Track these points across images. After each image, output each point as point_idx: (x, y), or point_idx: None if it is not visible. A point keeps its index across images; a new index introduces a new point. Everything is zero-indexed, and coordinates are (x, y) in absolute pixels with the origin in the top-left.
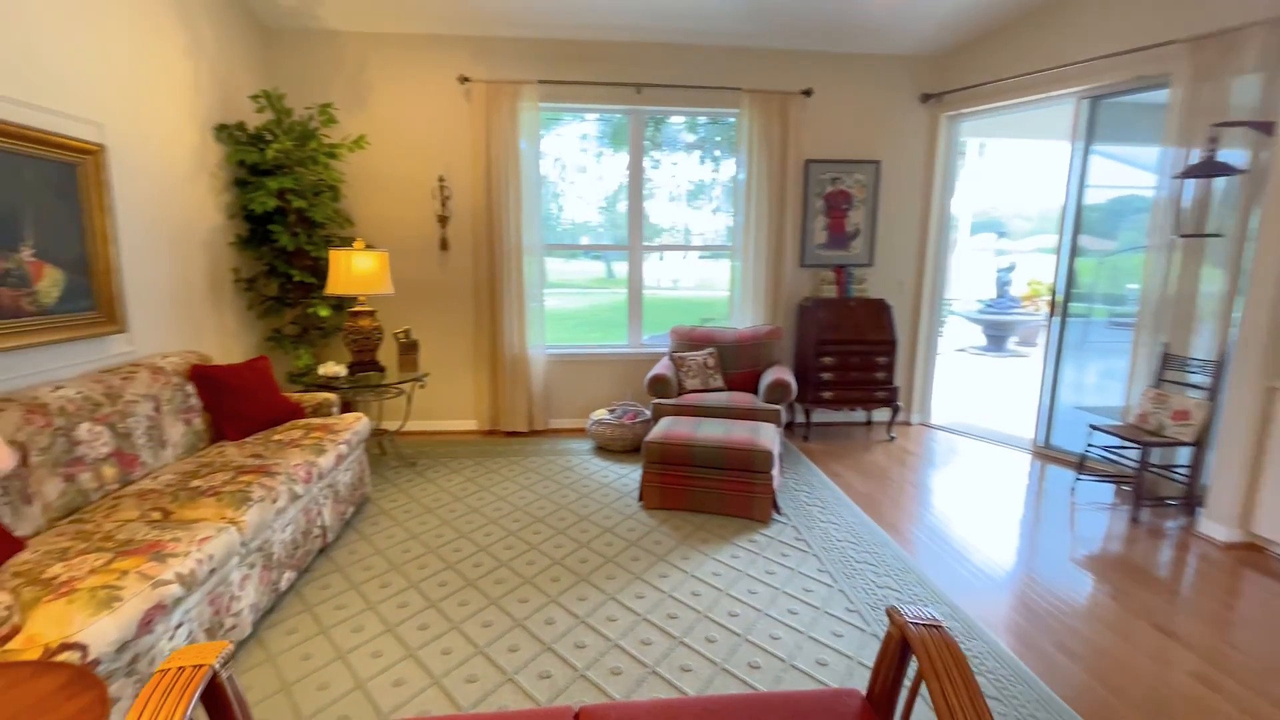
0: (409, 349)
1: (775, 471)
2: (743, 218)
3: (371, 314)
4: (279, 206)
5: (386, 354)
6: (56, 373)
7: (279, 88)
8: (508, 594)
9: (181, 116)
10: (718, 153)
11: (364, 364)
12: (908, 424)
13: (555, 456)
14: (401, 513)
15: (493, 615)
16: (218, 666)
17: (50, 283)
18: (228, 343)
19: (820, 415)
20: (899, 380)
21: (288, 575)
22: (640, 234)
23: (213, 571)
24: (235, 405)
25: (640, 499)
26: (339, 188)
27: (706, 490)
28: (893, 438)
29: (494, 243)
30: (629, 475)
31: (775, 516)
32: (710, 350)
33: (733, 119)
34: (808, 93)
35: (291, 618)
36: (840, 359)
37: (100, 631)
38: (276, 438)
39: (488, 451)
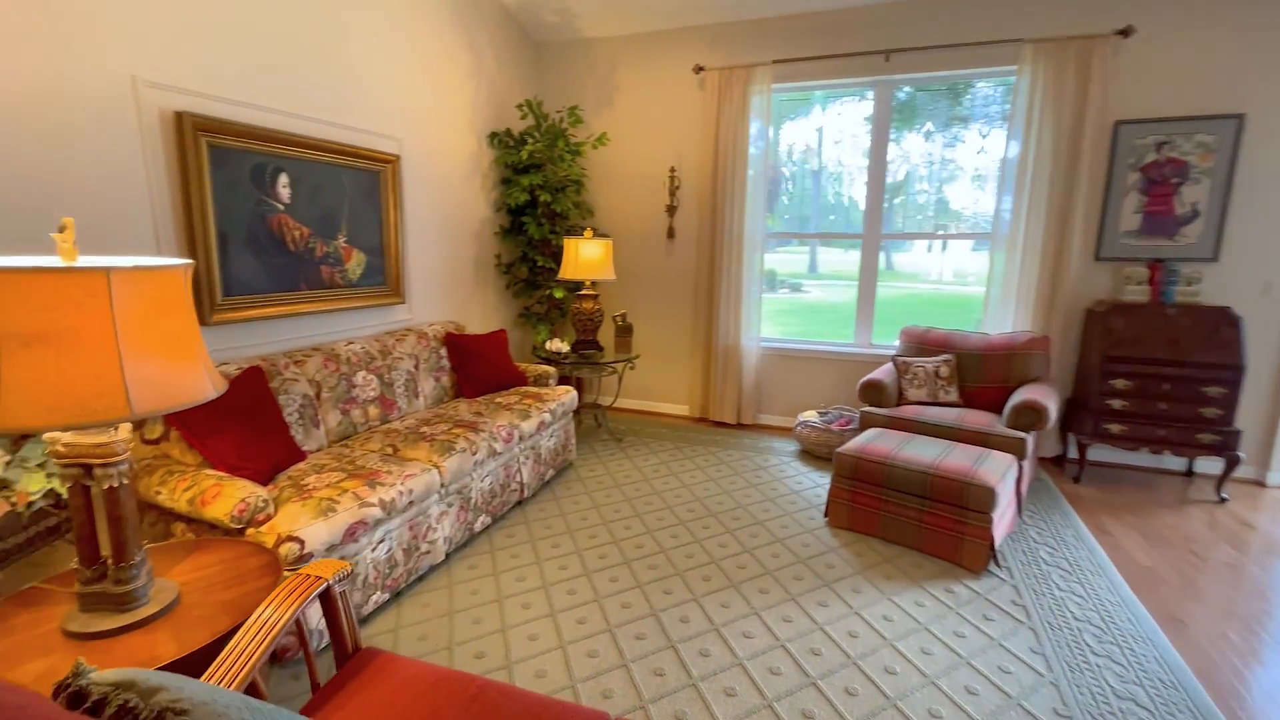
0: (624, 331)
1: (1001, 513)
2: (1011, 199)
3: (595, 297)
4: (528, 201)
5: (607, 335)
6: (352, 332)
7: (539, 96)
8: (655, 581)
9: (463, 127)
10: (982, 123)
11: (586, 343)
12: (1259, 484)
13: (754, 454)
14: (594, 482)
15: (635, 599)
16: (332, 581)
17: (356, 263)
18: (488, 316)
19: (1103, 453)
20: (1244, 422)
21: (483, 519)
22: (878, 221)
23: (411, 503)
24: (473, 369)
25: (825, 515)
26: (583, 182)
27: (904, 520)
28: (1223, 499)
29: (716, 231)
30: (825, 485)
31: (991, 569)
32: (945, 358)
33: (1007, 80)
34: (1125, 32)
35: (476, 555)
36: (1141, 383)
37: (315, 532)
38: (498, 400)
39: (690, 438)
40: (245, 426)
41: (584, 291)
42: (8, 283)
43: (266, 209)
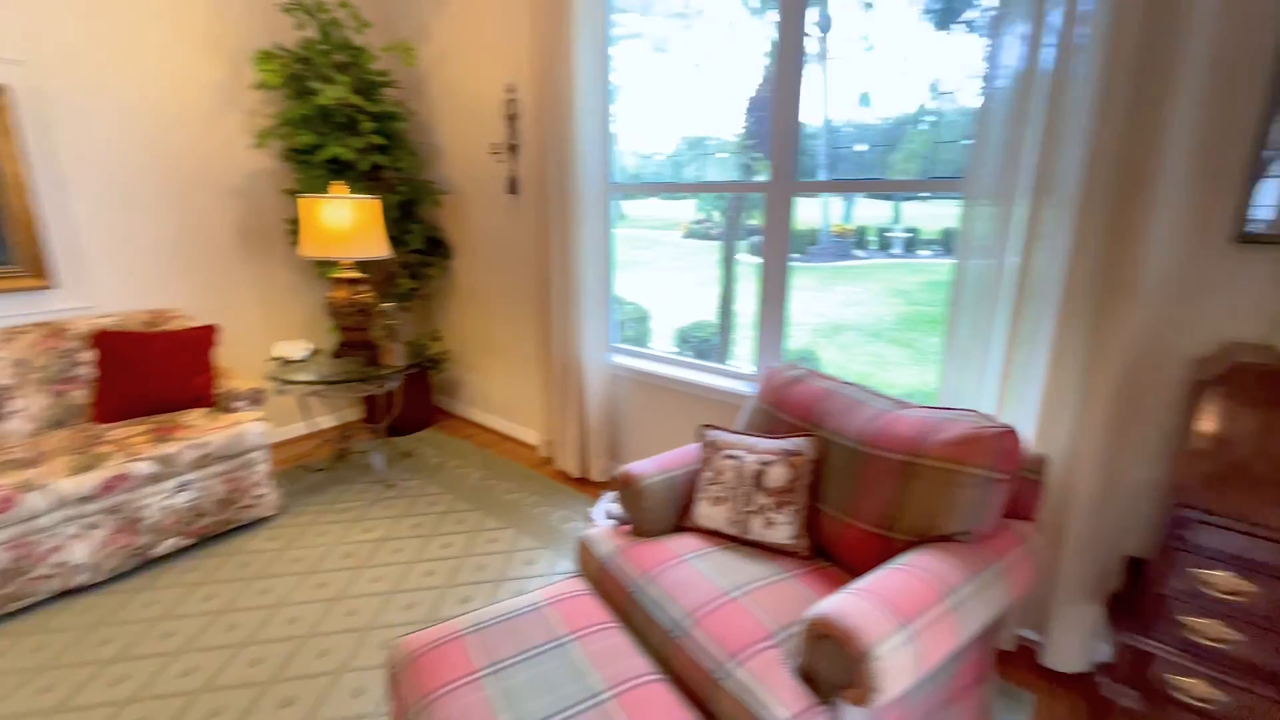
0: (387, 335)
1: None
2: (994, 133)
3: (355, 283)
4: (300, 145)
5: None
6: None
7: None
8: None
9: (197, 47)
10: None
11: (355, 345)
12: None
13: (538, 543)
14: (234, 569)
15: None
16: None
17: None
18: (277, 302)
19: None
20: None
21: None
22: (791, 162)
23: None
24: (121, 382)
25: None
26: (397, 115)
27: None
28: None
29: (546, 184)
30: None
31: None
32: (796, 446)
33: None
34: None
35: None
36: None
37: None
38: (114, 432)
39: (488, 495)
40: None
41: (340, 274)
42: None
43: None
